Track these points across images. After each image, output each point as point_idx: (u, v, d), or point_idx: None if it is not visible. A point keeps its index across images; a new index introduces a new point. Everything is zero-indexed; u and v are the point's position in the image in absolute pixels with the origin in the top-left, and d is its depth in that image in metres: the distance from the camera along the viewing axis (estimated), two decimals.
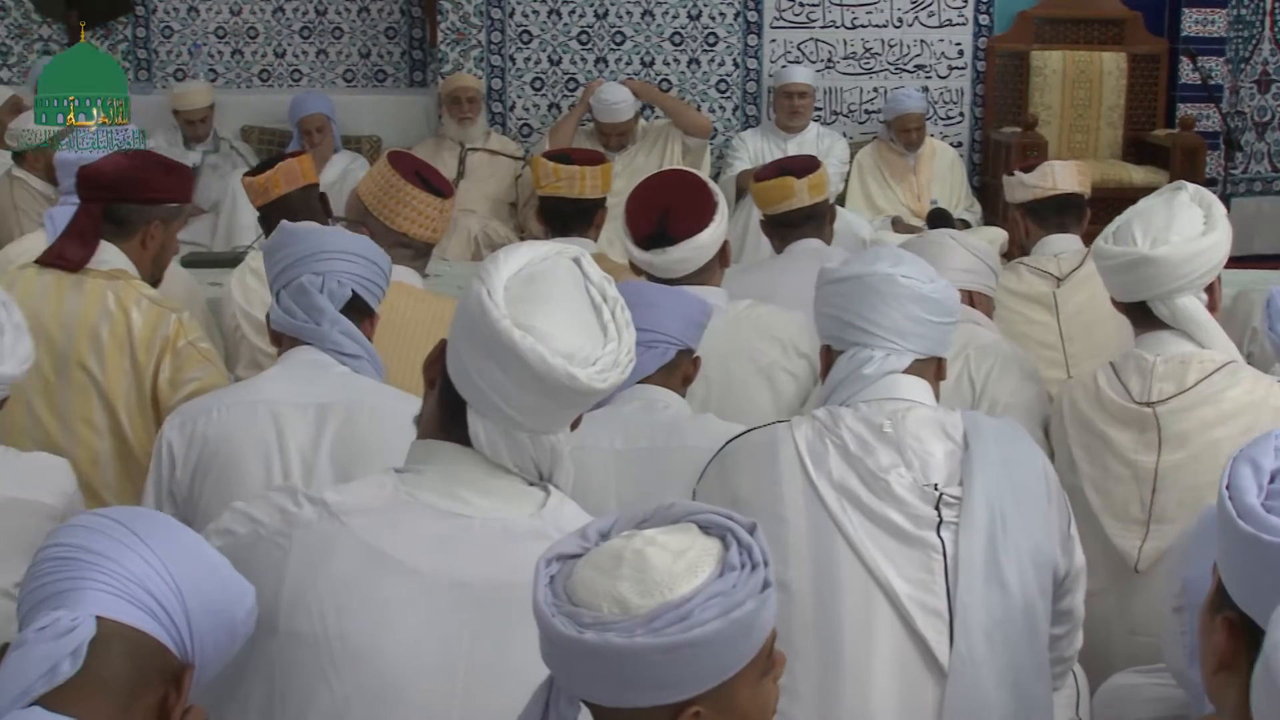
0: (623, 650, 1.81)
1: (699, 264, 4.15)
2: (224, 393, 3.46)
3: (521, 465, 2.33)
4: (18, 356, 3.14)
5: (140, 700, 1.91)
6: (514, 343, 2.19)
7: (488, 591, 2.27)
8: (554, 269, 2.29)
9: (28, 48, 9.87)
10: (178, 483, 3.27)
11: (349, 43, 9.90)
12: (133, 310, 3.99)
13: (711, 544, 1.91)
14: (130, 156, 4.28)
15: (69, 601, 1.89)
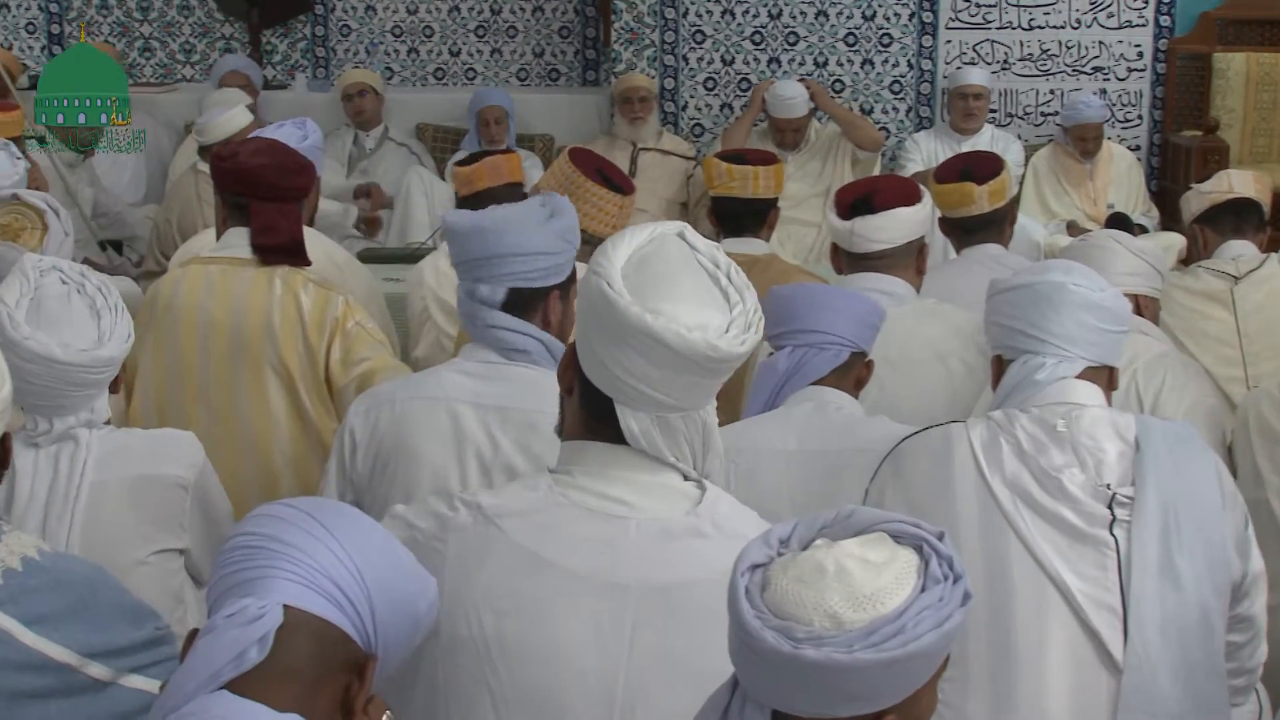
0: (843, 666, 1.81)
1: (893, 242, 4.13)
2: (408, 383, 3.49)
3: (676, 450, 2.31)
4: (119, 338, 3.21)
5: (324, 689, 1.93)
6: (648, 326, 2.19)
7: (647, 593, 2.28)
8: (662, 248, 2.29)
9: (210, 46, 10.07)
10: (358, 471, 3.31)
11: (523, 41, 9.97)
12: (300, 293, 4.06)
13: (909, 555, 1.91)
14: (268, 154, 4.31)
15: (257, 590, 1.92)
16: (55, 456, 3.17)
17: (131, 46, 10.06)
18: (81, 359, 3.11)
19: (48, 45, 10.06)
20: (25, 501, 3.13)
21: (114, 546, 3.15)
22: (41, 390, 3.13)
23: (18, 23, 10.04)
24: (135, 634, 2.56)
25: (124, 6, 10.02)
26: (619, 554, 2.28)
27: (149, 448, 3.31)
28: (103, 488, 3.18)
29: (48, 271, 3.20)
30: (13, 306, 3.12)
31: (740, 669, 1.92)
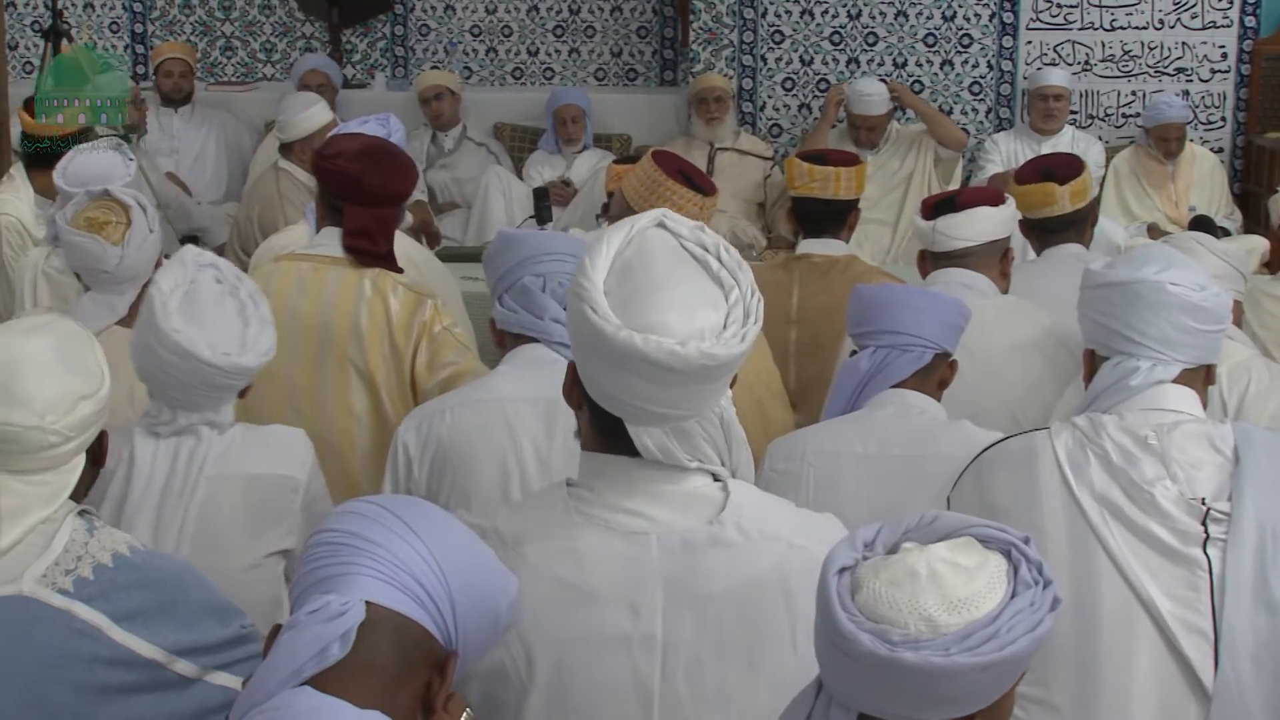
0: (939, 669, 1.81)
1: (976, 239, 4.11)
2: (456, 394, 3.52)
3: (697, 453, 2.25)
4: (259, 350, 3.23)
5: (405, 685, 1.93)
6: (639, 349, 2.12)
7: (675, 610, 2.24)
8: (643, 246, 2.21)
9: (291, 45, 10.13)
10: (415, 482, 3.33)
11: (601, 41, 9.98)
12: (390, 296, 4.06)
13: (999, 560, 1.90)
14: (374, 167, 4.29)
15: (340, 586, 1.92)
16: (175, 449, 3.20)
17: (213, 46, 10.14)
18: (222, 362, 3.14)
19: (130, 44, 10.15)
20: (141, 490, 3.15)
21: (225, 545, 3.17)
22: (175, 381, 3.16)
23: (102, 21, 10.13)
24: (221, 632, 2.58)
25: (206, 6, 10.10)
26: (643, 572, 2.24)
27: (263, 446, 3.32)
28: (218, 484, 3.20)
29: (205, 267, 3.23)
30: (167, 294, 3.15)
31: (828, 671, 1.91)
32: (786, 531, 2.31)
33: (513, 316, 3.40)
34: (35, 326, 2.63)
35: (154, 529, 3.13)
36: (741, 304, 2.18)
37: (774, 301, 4.83)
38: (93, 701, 2.45)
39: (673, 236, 2.23)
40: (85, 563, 2.48)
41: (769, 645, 2.24)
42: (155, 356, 3.15)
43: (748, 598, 2.24)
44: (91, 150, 4.79)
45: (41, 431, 2.47)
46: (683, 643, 2.24)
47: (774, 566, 2.26)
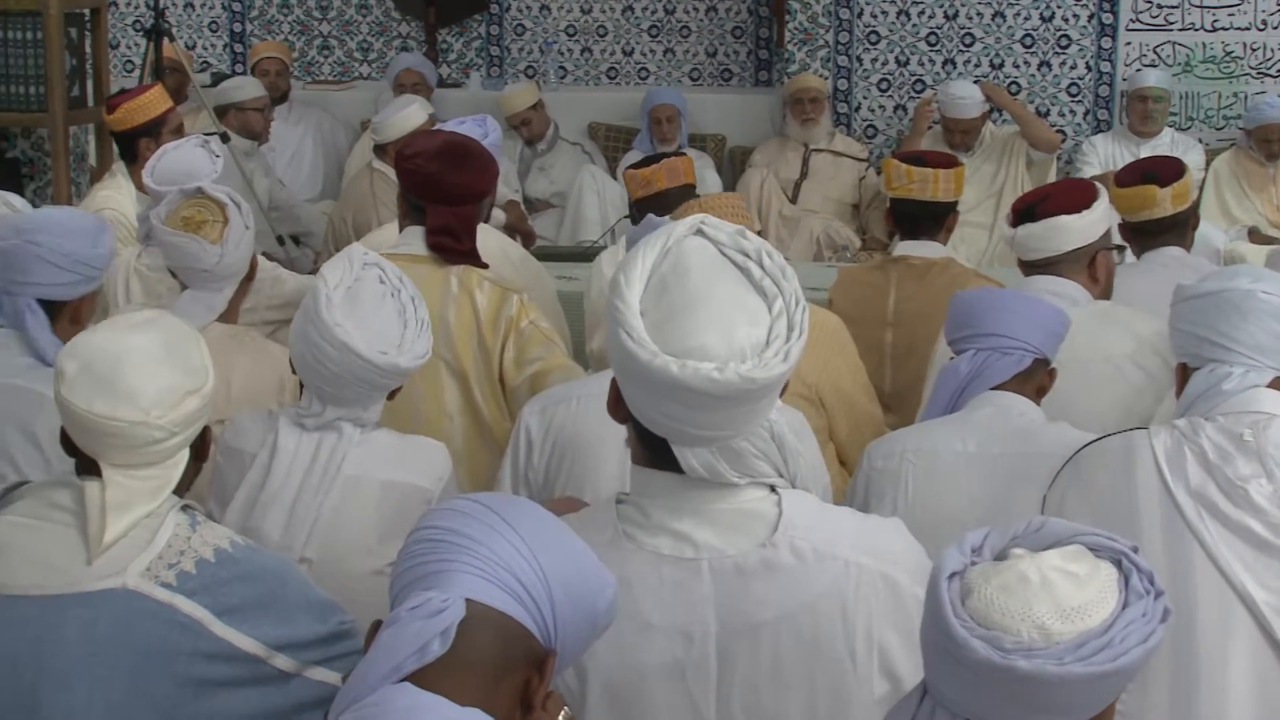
0: (1053, 678, 1.80)
1: (1055, 250, 4.05)
2: (583, 383, 3.52)
3: (749, 470, 2.21)
4: (415, 352, 3.24)
5: (504, 683, 1.94)
6: (676, 377, 2.07)
7: (728, 639, 2.22)
8: (681, 260, 2.14)
9: (387, 44, 10.20)
10: (534, 468, 3.33)
11: (696, 41, 9.98)
12: (476, 292, 4.08)
13: (1110, 569, 1.89)
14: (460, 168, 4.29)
15: (440, 583, 1.92)
16: (317, 443, 3.21)
17: (310, 45, 10.22)
18: (379, 360, 3.15)
19: (230, 44, 10.25)
20: (280, 480, 3.17)
21: (351, 546, 3.17)
22: (329, 375, 3.17)
23: (201, 21, 10.24)
24: (320, 628, 2.60)
25: (304, 5, 10.19)
26: (695, 601, 2.21)
27: (402, 453, 3.32)
28: (355, 485, 3.21)
29: (370, 266, 3.24)
30: (332, 288, 3.16)
31: (935, 677, 1.90)
32: (844, 548, 2.25)
33: None
34: (141, 322, 2.65)
35: (286, 521, 3.15)
36: (785, 316, 2.12)
37: (870, 303, 4.84)
38: (193, 694, 2.48)
39: (711, 244, 2.17)
40: (188, 557, 2.50)
41: (827, 667, 2.23)
42: (313, 348, 3.16)
43: (804, 622, 2.21)
44: (177, 149, 4.82)
45: (147, 426, 2.49)
46: (738, 671, 2.22)
47: (830, 586, 2.22)
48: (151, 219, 4.11)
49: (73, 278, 3.71)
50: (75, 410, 2.49)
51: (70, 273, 3.70)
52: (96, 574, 2.47)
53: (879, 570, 2.22)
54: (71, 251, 3.69)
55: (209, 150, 4.79)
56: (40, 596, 2.48)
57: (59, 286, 3.70)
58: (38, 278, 3.66)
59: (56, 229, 3.73)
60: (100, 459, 2.53)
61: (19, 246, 3.65)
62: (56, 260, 3.66)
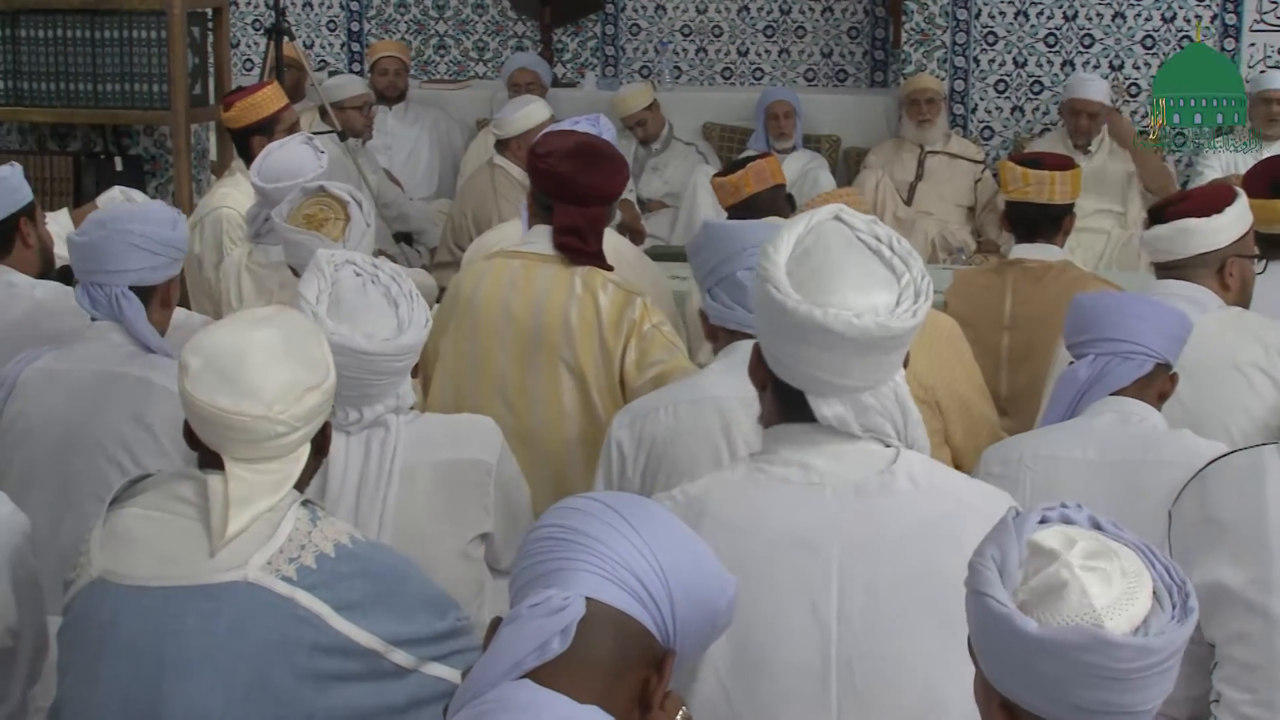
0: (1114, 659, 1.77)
1: (1182, 253, 3.98)
2: (669, 391, 3.52)
3: (873, 426, 2.38)
4: (417, 324, 3.22)
5: (623, 681, 1.94)
6: (817, 320, 2.26)
7: (849, 552, 2.32)
8: (821, 236, 2.36)
9: (502, 44, 10.25)
10: (629, 481, 3.33)
11: (811, 42, 9.95)
12: (600, 294, 4.08)
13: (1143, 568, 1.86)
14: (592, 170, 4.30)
15: (560, 581, 1.93)
16: (366, 442, 3.22)
17: (426, 44, 10.30)
18: (385, 348, 3.15)
19: (347, 43, 10.35)
20: (338, 488, 3.18)
21: (425, 533, 3.19)
22: (350, 381, 3.15)
23: (319, 20, 10.35)
24: (438, 624, 2.62)
25: (420, 5, 10.26)
26: (818, 517, 2.35)
27: (452, 433, 3.35)
28: (412, 473, 3.22)
29: (342, 266, 3.24)
30: (314, 303, 3.16)
31: (984, 655, 1.88)
32: (957, 489, 2.44)
33: (727, 312, 3.39)
34: (263, 318, 2.68)
35: (353, 522, 3.11)
36: (913, 285, 2.32)
37: (986, 306, 4.80)
38: (312, 688, 2.50)
39: (848, 229, 2.37)
40: (308, 552, 2.52)
41: (941, 583, 2.24)
42: None
43: (921, 539, 2.34)
44: (282, 147, 4.87)
45: (269, 421, 2.52)
46: (857, 583, 2.32)
47: (944, 515, 2.36)
48: (274, 217, 4.15)
49: (160, 260, 3.78)
50: (199, 404, 2.53)
51: (158, 256, 3.76)
52: (218, 567, 2.50)
53: (989, 513, 2.25)
54: (154, 235, 3.75)
55: (314, 148, 4.83)
56: (162, 588, 2.52)
57: (148, 271, 3.76)
58: (128, 265, 3.73)
59: (137, 216, 3.82)
60: (223, 453, 2.56)
61: (106, 237, 3.72)
62: (144, 245, 3.73)
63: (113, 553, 2.57)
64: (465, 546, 3.25)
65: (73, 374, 3.70)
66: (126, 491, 2.67)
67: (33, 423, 3.69)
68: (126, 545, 2.57)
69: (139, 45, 6.27)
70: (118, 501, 2.65)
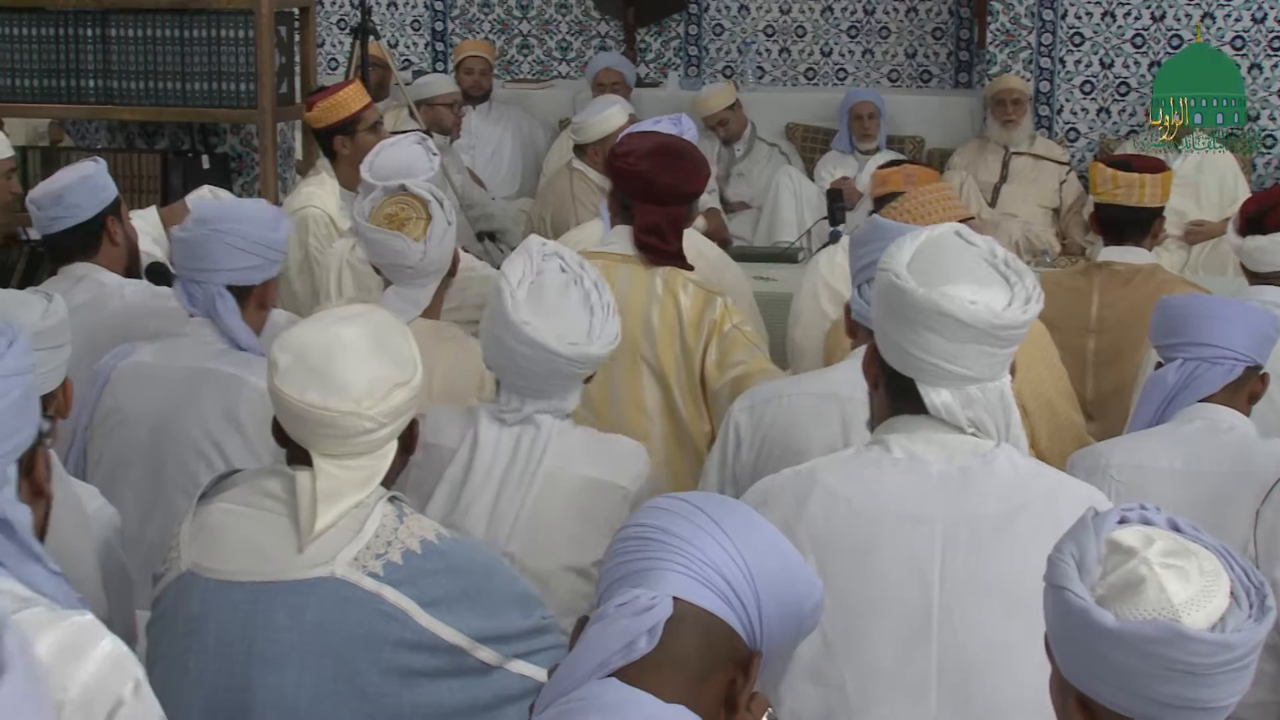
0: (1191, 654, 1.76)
1: None
2: (794, 381, 3.51)
3: (978, 421, 2.51)
4: (606, 338, 3.21)
5: (709, 682, 1.94)
6: (936, 303, 2.41)
7: (952, 524, 2.46)
8: (940, 243, 2.53)
9: (586, 44, 10.27)
10: (741, 464, 3.33)
11: (895, 42, 9.90)
12: (680, 294, 4.08)
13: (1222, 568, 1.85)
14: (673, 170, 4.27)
15: (648, 581, 1.93)
16: (516, 438, 3.20)
17: (510, 44, 10.33)
18: (571, 353, 3.13)
19: (431, 42, 10.40)
20: (482, 476, 3.17)
21: (553, 541, 3.16)
22: (526, 371, 3.17)
23: (403, 20, 10.40)
24: (523, 622, 2.62)
25: (504, 4, 10.30)
26: (924, 492, 2.49)
27: (601, 451, 3.30)
28: (555, 480, 3.19)
29: (550, 257, 3.24)
30: (515, 285, 3.16)
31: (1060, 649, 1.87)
32: (1054, 473, 2.60)
33: (869, 310, 3.37)
34: (351, 315, 2.69)
35: (489, 516, 3.14)
36: (1025, 291, 2.48)
37: (1073, 309, 4.76)
38: (397, 683, 2.51)
39: (966, 243, 2.55)
40: (395, 548, 2.53)
41: (1038, 565, 2.24)
42: (505, 348, 3.16)
43: (1020, 516, 2.46)
44: (395, 145, 4.88)
45: (358, 417, 2.53)
46: (960, 554, 2.45)
47: (1043, 494, 2.50)
48: (355, 217, 4.17)
49: (258, 261, 3.81)
50: (288, 400, 2.54)
51: (255, 256, 3.80)
52: (306, 562, 2.52)
53: (1085, 494, 2.52)
54: (255, 236, 3.79)
55: (426, 148, 4.84)
56: (251, 582, 2.54)
57: (246, 270, 3.80)
58: (225, 264, 3.76)
59: (238, 215, 3.85)
60: (311, 449, 2.58)
61: (206, 235, 3.76)
62: (242, 245, 3.77)
63: (202, 547, 2.60)
64: (588, 565, 3.19)
65: (165, 369, 3.75)
66: (215, 487, 2.70)
67: (124, 416, 3.73)
68: (215, 540, 2.60)
69: (227, 44, 6.31)
70: (206, 497, 2.67)
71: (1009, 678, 2.37)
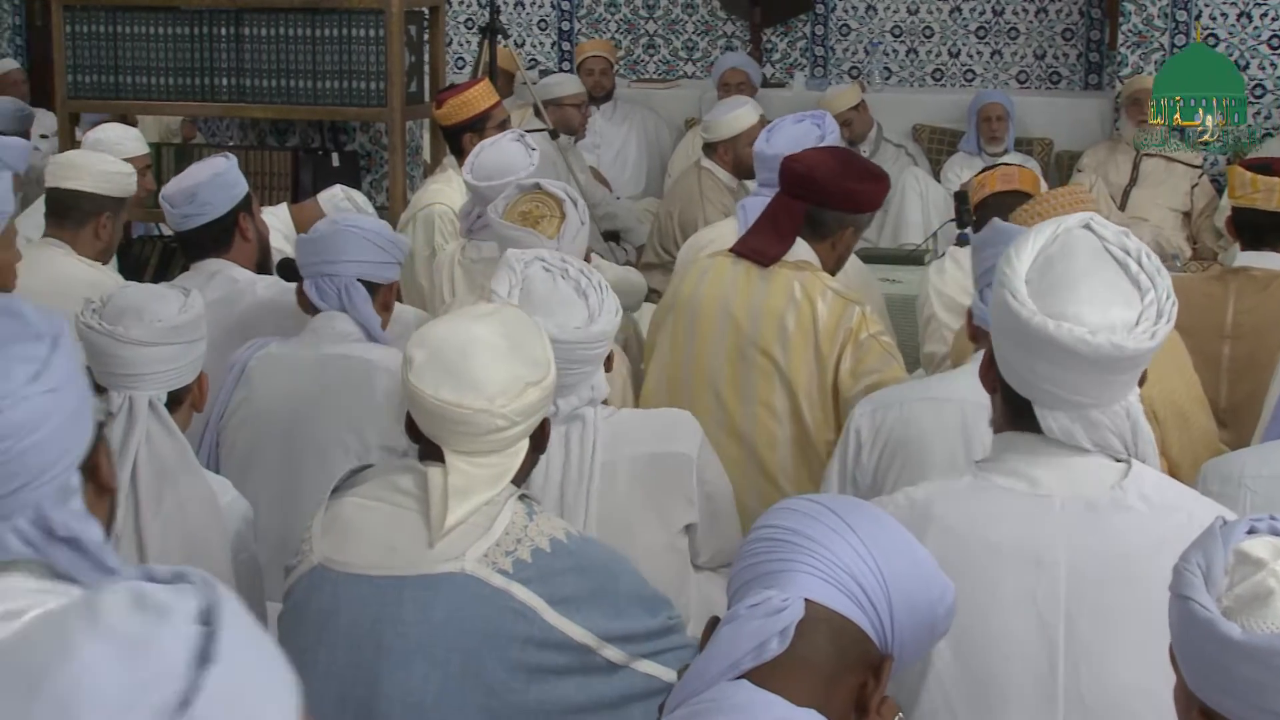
0: None
1: None
2: (915, 386, 3.49)
3: (1101, 442, 2.34)
4: (609, 311, 3.21)
5: (840, 685, 1.93)
6: (1052, 334, 2.23)
7: (1078, 567, 2.30)
8: (1068, 245, 2.32)
9: (712, 44, 10.26)
10: (862, 469, 3.31)
11: (1024, 43, 9.81)
12: (818, 301, 4.06)
13: None
14: (839, 160, 4.30)
15: (780, 582, 1.92)
16: (565, 437, 3.22)
17: (636, 43, 10.35)
18: (577, 335, 3.14)
19: (557, 42, 10.44)
20: (542, 482, 3.18)
21: (631, 526, 3.21)
22: None
23: (530, 19, 10.45)
24: (650, 621, 2.63)
25: (630, 4, 10.31)
26: (1047, 530, 2.33)
27: (651, 426, 3.36)
28: (613, 468, 3.23)
29: (531, 263, 3.26)
30: (505, 298, 3.18)
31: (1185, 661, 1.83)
32: (1189, 503, 2.40)
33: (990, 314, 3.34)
34: (486, 313, 2.71)
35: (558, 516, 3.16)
36: (1156, 305, 2.28)
37: (1207, 315, 4.68)
38: (524, 680, 2.52)
39: (1097, 239, 2.33)
40: (524, 546, 2.54)
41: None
42: None
43: (1153, 559, 2.23)
44: (494, 144, 4.91)
45: (490, 415, 2.54)
46: (1086, 598, 2.29)
47: (1175, 531, 2.25)
48: (489, 213, 4.20)
49: (386, 258, 3.88)
50: (422, 396, 2.56)
51: (384, 252, 3.87)
52: (436, 558, 2.54)
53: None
54: (384, 232, 3.88)
55: (525, 145, 4.87)
56: (381, 577, 2.56)
57: (375, 266, 3.87)
58: (357, 256, 3.84)
59: (365, 219, 3.95)
60: (444, 445, 2.59)
61: (337, 231, 3.85)
62: (373, 239, 3.85)
63: (333, 541, 2.62)
64: (671, 539, 3.26)
65: (297, 358, 3.82)
66: (347, 481, 2.72)
67: (258, 407, 3.79)
68: (347, 534, 2.62)
69: (358, 43, 6.37)
70: (339, 490, 2.70)
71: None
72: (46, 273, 4.45)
